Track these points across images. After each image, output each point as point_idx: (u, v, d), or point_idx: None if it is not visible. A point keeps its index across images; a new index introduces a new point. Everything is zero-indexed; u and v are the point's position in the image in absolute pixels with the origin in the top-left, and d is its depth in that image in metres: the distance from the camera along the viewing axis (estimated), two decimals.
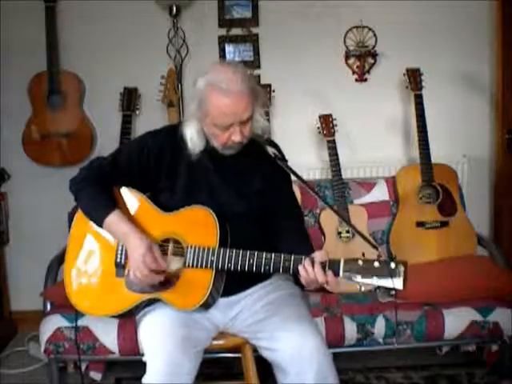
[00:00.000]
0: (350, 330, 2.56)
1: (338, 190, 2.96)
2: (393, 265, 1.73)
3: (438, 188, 2.99)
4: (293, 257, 1.82)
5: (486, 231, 3.35)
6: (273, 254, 1.84)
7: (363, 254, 1.79)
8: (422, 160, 3.00)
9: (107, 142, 3.06)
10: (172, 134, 2.03)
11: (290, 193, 2.13)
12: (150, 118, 3.18)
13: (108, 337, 2.49)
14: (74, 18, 3.21)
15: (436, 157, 3.03)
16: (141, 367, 1.83)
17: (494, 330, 2.58)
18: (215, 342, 2.02)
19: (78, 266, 2.04)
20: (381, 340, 2.59)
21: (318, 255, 1.81)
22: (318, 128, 3.03)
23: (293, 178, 2.05)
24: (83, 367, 2.69)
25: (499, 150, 3.30)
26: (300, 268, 1.80)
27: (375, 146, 3.31)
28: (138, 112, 3.16)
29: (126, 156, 2.04)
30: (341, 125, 3.06)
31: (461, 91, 3.32)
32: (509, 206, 3.31)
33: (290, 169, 1.99)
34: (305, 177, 1.97)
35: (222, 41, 3.26)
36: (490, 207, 3.43)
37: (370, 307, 2.61)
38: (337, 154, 2.99)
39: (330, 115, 3.02)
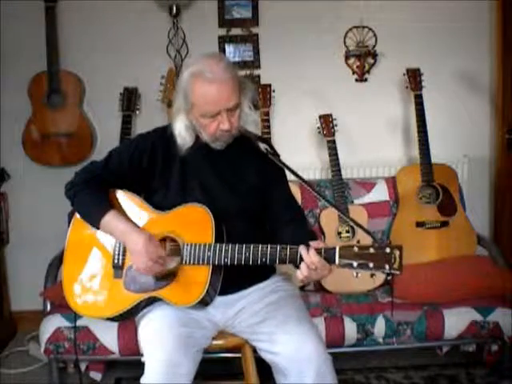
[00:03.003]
0: (350, 329, 2.56)
1: (338, 189, 2.96)
2: (388, 250, 1.72)
3: (438, 188, 2.99)
4: (289, 247, 1.82)
5: (486, 231, 3.35)
6: (268, 246, 1.84)
7: (358, 242, 1.78)
8: (421, 160, 3.00)
9: (107, 142, 3.05)
10: (163, 134, 2.04)
11: (286, 187, 2.12)
12: (150, 118, 3.17)
13: (108, 337, 2.50)
14: (74, 18, 3.21)
15: (436, 157, 3.03)
16: (141, 367, 1.83)
17: (494, 329, 2.59)
18: (215, 342, 2.02)
19: (76, 269, 2.03)
20: (381, 340, 2.59)
21: (314, 243, 1.81)
22: (318, 128, 3.03)
23: (291, 177, 2.05)
24: (83, 367, 2.69)
25: (499, 149, 3.30)
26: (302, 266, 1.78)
27: (375, 146, 3.31)
28: (137, 112, 3.17)
29: (119, 159, 2.05)
30: (341, 125, 3.06)
31: (461, 91, 3.32)
32: (509, 206, 3.30)
33: (283, 163, 1.98)
34: (305, 177, 1.97)
35: (222, 41, 3.26)
36: (490, 207, 3.43)
37: (370, 307, 2.61)
38: (337, 154, 2.99)
39: (330, 115, 3.02)
